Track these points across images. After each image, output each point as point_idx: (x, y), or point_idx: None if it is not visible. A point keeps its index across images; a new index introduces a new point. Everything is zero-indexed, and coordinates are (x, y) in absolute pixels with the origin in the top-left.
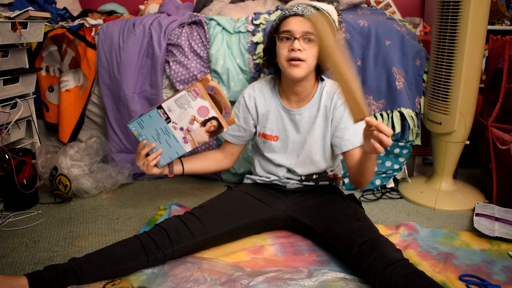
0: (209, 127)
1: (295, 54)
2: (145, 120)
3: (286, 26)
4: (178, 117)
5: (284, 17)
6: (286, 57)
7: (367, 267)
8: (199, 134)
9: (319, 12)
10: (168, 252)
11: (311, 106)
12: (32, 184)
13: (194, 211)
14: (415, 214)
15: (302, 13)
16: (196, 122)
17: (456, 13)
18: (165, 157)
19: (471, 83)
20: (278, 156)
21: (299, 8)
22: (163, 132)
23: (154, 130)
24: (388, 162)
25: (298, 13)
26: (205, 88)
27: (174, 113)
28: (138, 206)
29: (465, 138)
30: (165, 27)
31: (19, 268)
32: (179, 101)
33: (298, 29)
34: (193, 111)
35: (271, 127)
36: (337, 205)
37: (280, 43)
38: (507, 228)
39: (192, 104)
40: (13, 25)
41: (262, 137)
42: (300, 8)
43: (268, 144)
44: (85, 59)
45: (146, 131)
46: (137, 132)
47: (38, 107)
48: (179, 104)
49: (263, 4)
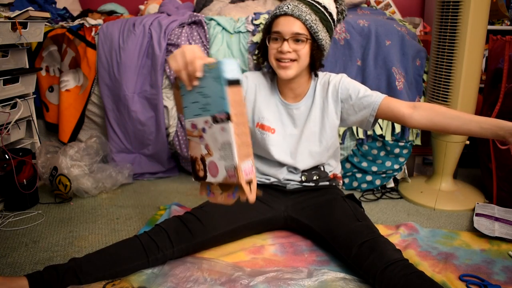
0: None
1: (284, 55)
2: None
3: (276, 27)
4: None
5: (275, 16)
6: (275, 57)
7: (367, 267)
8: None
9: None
10: (168, 253)
11: (307, 99)
12: (32, 184)
13: (194, 212)
14: (415, 214)
15: (292, 13)
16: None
17: (456, 13)
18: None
19: (471, 83)
20: (276, 150)
21: (289, 7)
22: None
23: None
24: (388, 162)
25: (288, 13)
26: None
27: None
28: (138, 206)
29: (465, 138)
30: (165, 27)
31: (19, 268)
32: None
33: (287, 30)
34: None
35: (269, 119)
36: (337, 206)
37: (270, 43)
38: (507, 228)
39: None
40: (13, 25)
41: (260, 128)
42: (290, 6)
43: (265, 136)
44: (85, 59)
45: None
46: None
47: (38, 107)
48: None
49: (263, 4)
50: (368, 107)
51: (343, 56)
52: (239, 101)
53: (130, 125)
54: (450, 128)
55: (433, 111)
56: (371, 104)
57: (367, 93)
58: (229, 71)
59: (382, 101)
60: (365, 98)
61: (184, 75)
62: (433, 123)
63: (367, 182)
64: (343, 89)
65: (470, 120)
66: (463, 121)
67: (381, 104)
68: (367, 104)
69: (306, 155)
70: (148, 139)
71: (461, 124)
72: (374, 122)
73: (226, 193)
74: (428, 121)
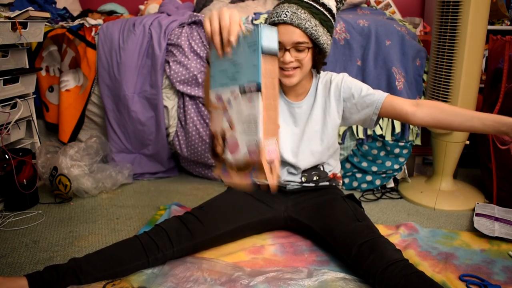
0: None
1: (286, 65)
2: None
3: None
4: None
5: (273, 23)
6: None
7: (367, 268)
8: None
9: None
10: (168, 253)
11: (309, 98)
12: (32, 184)
13: (194, 212)
14: (415, 214)
15: (290, 21)
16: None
17: (456, 13)
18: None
19: (471, 83)
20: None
21: (288, 15)
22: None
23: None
24: (388, 162)
25: (287, 22)
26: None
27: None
28: (138, 206)
29: (465, 138)
30: (165, 27)
31: (19, 268)
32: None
33: (287, 40)
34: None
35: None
36: (337, 206)
37: None
38: (507, 228)
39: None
40: (13, 25)
41: None
42: (289, 14)
43: None
44: (85, 59)
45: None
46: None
47: (38, 107)
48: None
49: (263, 4)
50: (371, 105)
51: (343, 56)
52: (272, 72)
53: (130, 125)
54: (453, 125)
55: (436, 108)
56: (374, 103)
57: (370, 92)
58: (267, 38)
59: (385, 99)
60: (368, 97)
61: (217, 39)
62: (436, 120)
63: (367, 182)
64: (345, 88)
65: (472, 117)
66: (466, 117)
67: (384, 102)
68: (370, 102)
69: (308, 154)
70: (148, 139)
71: (464, 121)
72: (377, 121)
73: (243, 173)
74: (432, 118)
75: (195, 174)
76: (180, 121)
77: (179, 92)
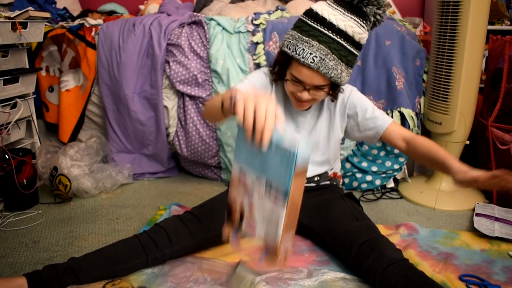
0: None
1: (302, 102)
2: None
3: (298, 74)
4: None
5: (297, 61)
6: (293, 94)
7: (367, 267)
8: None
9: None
10: (167, 252)
11: (315, 109)
12: (32, 184)
13: (193, 211)
14: (415, 214)
15: (317, 68)
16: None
17: (456, 13)
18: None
19: (471, 83)
20: None
21: (315, 60)
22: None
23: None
24: (388, 162)
25: (313, 68)
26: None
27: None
28: (138, 206)
29: (465, 138)
30: (165, 27)
31: (19, 268)
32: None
33: (309, 83)
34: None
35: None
36: (336, 205)
37: (289, 81)
38: (507, 228)
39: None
40: (13, 25)
41: None
42: (316, 59)
43: None
44: (85, 59)
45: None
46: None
47: (38, 107)
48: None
49: (263, 4)
50: (373, 129)
51: None
52: (300, 189)
53: (130, 125)
54: (435, 169)
55: (421, 154)
56: (377, 128)
57: (374, 115)
58: (302, 158)
59: (388, 127)
60: (372, 120)
61: (248, 134)
62: (421, 163)
63: (367, 182)
64: (351, 105)
65: (449, 170)
66: (443, 170)
67: (386, 130)
68: (372, 126)
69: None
70: (148, 139)
71: (443, 171)
72: (379, 140)
73: (254, 251)
74: (417, 160)
75: (195, 174)
76: (180, 121)
77: (179, 92)
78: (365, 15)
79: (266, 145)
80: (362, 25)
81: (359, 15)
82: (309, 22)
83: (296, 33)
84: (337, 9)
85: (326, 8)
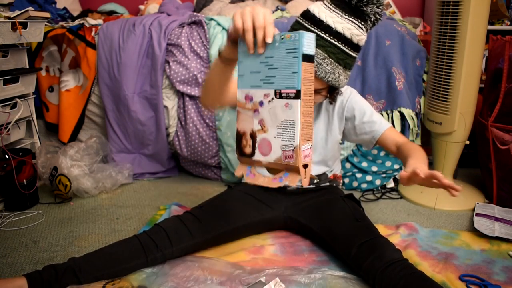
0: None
1: None
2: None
3: None
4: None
5: None
6: None
7: (367, 268)
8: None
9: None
10: (167, 253)
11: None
12: (32, 184)
13: (193, 211)
14: (415, 214)
15: (315, 74)
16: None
17: (456, 13)
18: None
19: (471, 83)
20: None
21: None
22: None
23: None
24: (388, 162)
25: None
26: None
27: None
28: (138, 206)
29: (465, 138)
30: (165, 27)
31: (19, 268)
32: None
33: None
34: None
35: None
36: (336, 206)
37: None
38: (507, 228)
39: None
40: (13, 25)
41: None
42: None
43: None
44: (85, 59)
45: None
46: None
47: (38, 107)
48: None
49: (263, 4)
50: (370, 133)
51: None
52: (310, 78)
53: (130, 125)
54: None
55: (402, 158)
56: (373, 132)
57: (372, 119)
58: (307, 45)
59: (384, 132)
60: (369, 124)
61: (250, 38)
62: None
63: (367, 182)
64: (349, 107)
65: (405, 166)
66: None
67: (382, 135)
68: (369, 130)
69: None
70: (148, 139)
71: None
72: (375, 145)
73: (272, 177)
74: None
75: (195, 174)
76: (180, 121)
77: (179, 92)
78: (364, 15)
79: (271, 40)
80: (361, 26)
81: (357, 15)
82: (306, 24)
83: None
84: (334, 11)
85: (323, 10)
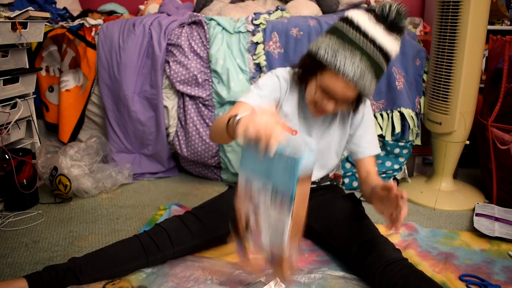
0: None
1: (324, 113)
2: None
3: (331, 84)
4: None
5: (334, 68)
6: (314, 101)
7: (366, 267)
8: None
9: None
10: (168, 253)
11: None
12: (32, 184)
13: (194, 211)
14: (415, 214)
15: (354, 81)
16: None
17: (456, 13)
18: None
19: (471, 83)
20: None
21: (356, 73)
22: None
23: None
24: (388, 162)
25: (351, 79)
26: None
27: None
28: (138, 206)
29: (465, 138)
30: (165, 27)
31: (19, 268)
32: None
33: (341, 95)
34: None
35: (291, 119)
36: (337, 205)
37: (318, 88)
38: (507, 228)
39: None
40: (13, 25)
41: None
42: (358, 73)
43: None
44: (85, 59)
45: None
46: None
47: (38, 107)
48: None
49: (263, 4)
50: (355, 148)
51: None
52: (304, 196)
53: (130, 125)
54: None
55: (365, 188)
56: (358, 150)
57: (367, 139)
58: (305, 167)
59: (366, 157)
60: (362, 141)
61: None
62: (365, 197)
63: None
64: (360, 117)
65: (373, 188)
66: (373, 193)
67: (363, 158)
68: (357, 145)
69: (318, 167)
70: (148, 139)
71: (372, 195)
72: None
73: (259, 259)
74: (362, 193)
75: (195, 174)
76: (180, 121)
77: (179, 92)
78: (400, 30)
79: (272, 153)
80: (399, 41)
81: (395, 30)
82: (352, 30)
83: (336, 38)
84: (377, 24)
85: (367, 21)
